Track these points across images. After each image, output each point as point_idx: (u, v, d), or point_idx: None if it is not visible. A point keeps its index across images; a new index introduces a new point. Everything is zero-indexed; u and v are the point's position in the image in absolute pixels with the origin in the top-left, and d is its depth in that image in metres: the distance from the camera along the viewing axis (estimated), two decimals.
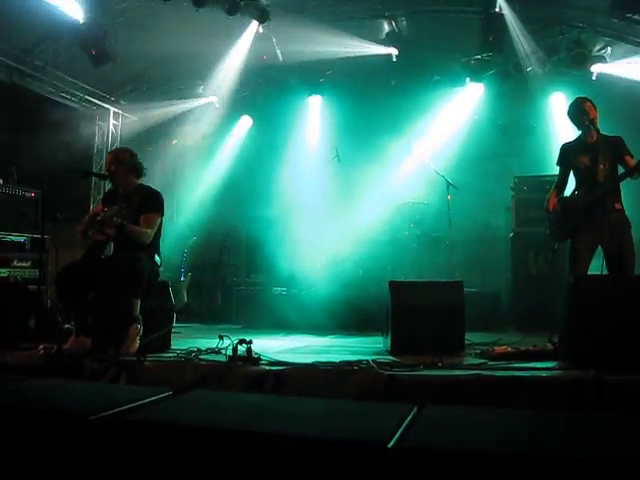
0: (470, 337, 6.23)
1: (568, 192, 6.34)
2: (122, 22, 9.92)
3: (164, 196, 6.23)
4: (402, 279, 8.70)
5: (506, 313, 9.02)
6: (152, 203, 6.03)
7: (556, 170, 6.50)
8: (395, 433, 2.84)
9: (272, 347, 6.20)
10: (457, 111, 11.61)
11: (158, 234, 6.11)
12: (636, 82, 9.70)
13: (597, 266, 5.86)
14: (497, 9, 9.49)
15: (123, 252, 5.79)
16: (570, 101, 6.39)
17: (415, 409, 3.35)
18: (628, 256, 5.75)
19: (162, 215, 6.09)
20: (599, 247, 5.89)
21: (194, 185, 13.07)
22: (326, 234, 9.66)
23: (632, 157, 5.95)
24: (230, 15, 9.55)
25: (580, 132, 6.23)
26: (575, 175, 6.24)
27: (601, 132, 6.12)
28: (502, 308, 9.08)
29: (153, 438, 3.02)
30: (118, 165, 6.07)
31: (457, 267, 9.14)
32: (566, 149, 6.31)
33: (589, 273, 5.85)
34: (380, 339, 6.57)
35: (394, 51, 10.88)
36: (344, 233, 9.57)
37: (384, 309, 6.34)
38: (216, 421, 3.16)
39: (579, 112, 6.15)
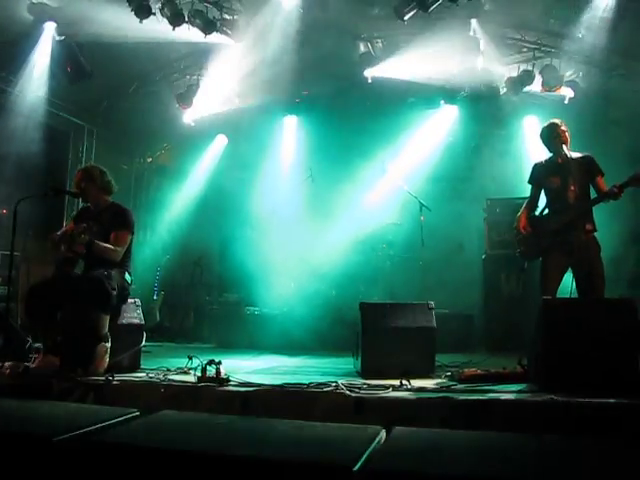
0: (441, 358, 6.24)
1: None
2: (98, 39, 9.88)
3: (138, 214, 6.22)
4: (375, 300, 8.71)
5: (478, 334, 9.07)
6: (122, 221, 6.00)
7: (528, 192, 6.55)
8: (361, 456, 2.84)
9: (243, 367, 6.19)
10: (431, 133, 11.68)
11: (129, 252, 6.07)
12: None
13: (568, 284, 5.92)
14: (471, 33, 9.59)
15: (92, 270, 5.74)
16: (543, 124, 6.47)
17: (383, 431, 3.35)
18: (597, 278, 5.80)
19: (132, 233, 6.06)
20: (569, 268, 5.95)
21: (169, 203, 13.02)
22: (299, 254, 9.67)
23: (602, 175, 6.03)
24: (206, 34, 9.55)
25: (551, 154, 6.30)
26: (546, 194, 6.31)
27: (572, 152, 6.18)
28: (474, 329, 9.14)
29: (118, 460, 3.00)
30: (88, 182, 6.04)
31: (430, 288, 9.13)
32: (538, 169, 6.38)
33: (558, 295, 5.90)
34: (351, 360, 6.56)
35: (369, 72, 10.95)
36: (317, 253, 9.58)
37: (356, 330, 6.34)
38: (183, 443, 3.14)
39: (551, 135, 6.23)
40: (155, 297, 11.49)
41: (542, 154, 6.51)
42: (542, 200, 6.44)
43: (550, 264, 5.98)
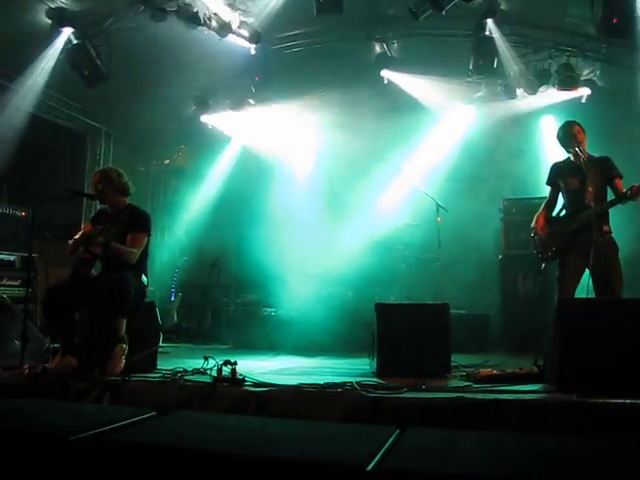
0: (458, 359, 6.22)
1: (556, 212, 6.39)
2: (116, 42, 9.95)
3: (155, 216, 6.25)
4: (391, 301, 8.72)
5: (495, 335, 9.03)
6: (139, 222, 6.04)
7: (545, 192, 6.54)
8: (375, 456, 2.84)
9: (259, 368, 6.20)
10: (448, 133, 11.65)
11: (145, 254, 6.11)
12: None
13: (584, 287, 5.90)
14: (487, 32, 9.55)
15: (110, 271, 5.78)
16: (560, 124, 6.45)
17: (397, 432, 3.35)
18: (615, 279, 5.76)
19: (149, 235, 6.10)
20: (586, 270, 5.91)
21: (186, 205, 13.08)
22: (316, 255, 9.68)
23: (621, 178, 5.99)
24: (222, 37, 9.59)
25: (569, 154, 6.27)
26: (564, 196, 6.29)
27: (590, 153, 6.16)
28: (491, 330, 9.10)
29: (134, 459, 3.02)
30: (105, 184, 6.08)
31: (447, 289, 9.12)
32: (556, 169, 6.36)
33: (576, 296, 5.87)
34: (367, 361, 6.56)
35: (385, 73, 10.96)
36: (334, 254, 9.59)
37: (372, 331, 6.34)
38: (198, 442, 3.15)
39: (568, 136, 6.20)
40: (173, 298, 11.54)
41: (559, 154, 6.48)
42: (560, 201, 6.42)
43: (567, 265, 5.96)
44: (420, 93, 10.98)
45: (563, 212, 6.28)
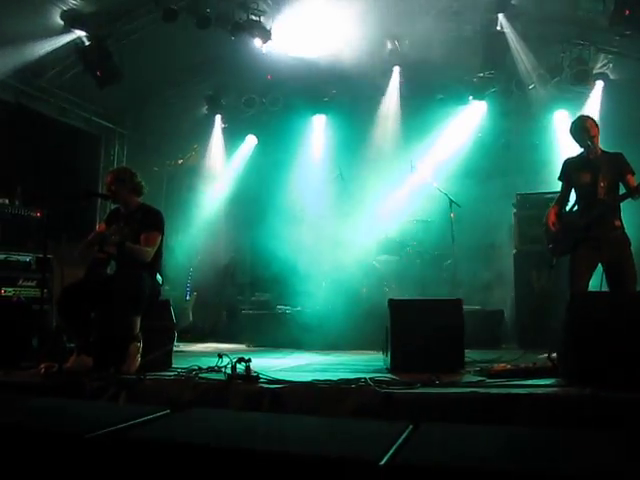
0: (472, 354, 6.23)
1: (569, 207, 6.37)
2: (128, 43, 10.02)
3: (170, 215, 6.27)
4: (405, 297, 8.71)
5: (509, 330, 9.02)
6: (152, 222, 6.06)
7: (558, 187, 6.51)
8: (388, 450, 2.85)
9: (273, 365, 6.22)
10: (460, 129, 11.65)
11: (159, 253, 6.13)
12: None
13: (597, 282, 5.88)
14: (498, 28, 9.55)
15: (124, 270, 5.82)
16: (573, 118, 6.42)
17: (411, 427, 3.36)
18: (628, 273, 5.73)
19: (162, 234, 6.12)
20: (599, 264, 5.90)
21: (200, 204, 13.12)
22: (330, 252, 9.69)
23: (633, 174, 5.96)
24: (233, 36, 9.63)
25: (582, 149, 6.25)
26: (576, 191, 6.26)
27: (603, 149, 6.14)
28: (505, 325, 9.08)
29: (150, 456, 3.04)
30: (118, 185, 6.11)
31: (460, 285, 9.13)
32: (568, 164, 6.34)
33: (589, 290, 5.86)
34: (381, 357, 6.56)
35: (397, 69, 10.98)
36: (348, 251, 9.59)
37: (385, 327, 6.34)
38: (212, 439, 3.17)
39: (581, 130, 6.16)
40: (188, 298, 11.58)
41: (572, 148, 6.44)
42: (573, 196, 6.41)
43: (579, 260, 5.93)
44: (432, 89, 10.95)
45: (575, 207, 6.25)
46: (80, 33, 9.42)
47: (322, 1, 9.37)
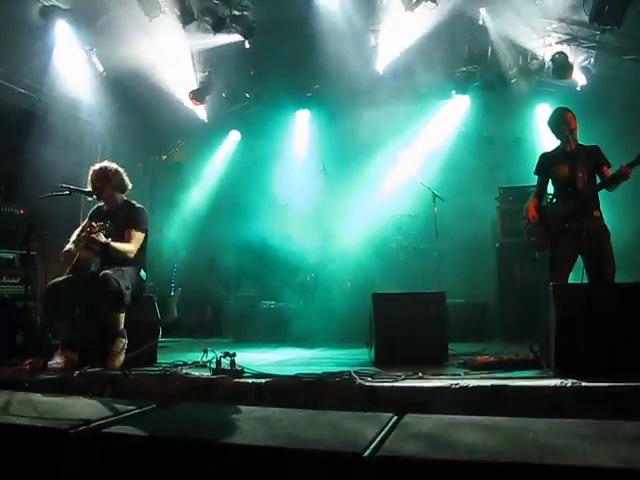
0: (456, 347, 6.29)
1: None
2: (110, 39, 9.97)
3: (154, 211, 6.26)
4: (390, 291, 8.75)
5: (493, 323, 9.08)
6: (137, 219, 6.07)
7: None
8: (372, 442, 2.88)
9: (258, 360, 6.25)
10: (444, 123, 11.67)
11: (143, 249, 6.14)
12: None
13: (577, 276, 5.94)
14: (481, 22, 9.58)
15: (108, 267, 5.82)
16: None
17: (394, 418, 3.39)
18: (607, 264, 5.79)
19: (146, 230, 6.13)
20: (579, 256, 5.95)
21: (184, 200, 13.10)
22: (315, 247, 9.71)
23: (609, 167, 6.02)
24: (216, 31, 9.62)
25: (559, 142, 6.29)
26: (554, 184, 6.32)
27: (579, 142, 6.20)
28: (489, 318, 9.15)
29: (135, 450, 3.06)
30: (103, 181, 6.11)
31: (445, 278, 9.17)
32: (545, 158, 6.40)
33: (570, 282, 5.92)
34: (366, 351, 6.60)
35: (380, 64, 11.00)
36: (332, 246, 9.63)
37: (370, 321, 6.38)
38: (197, 432, 3.20)
39: (559, 122, 6.22)
40: (172, 293, 11.56)
41: (555, 142, 6.48)
42: (549, 190, 6.46)
43: (559, 252, 5.97)
44: (415, 83, 10.96)
45: (554, 200, 6.30)
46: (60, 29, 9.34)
47: None
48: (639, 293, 4.82)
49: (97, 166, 6.29)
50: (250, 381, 4.76)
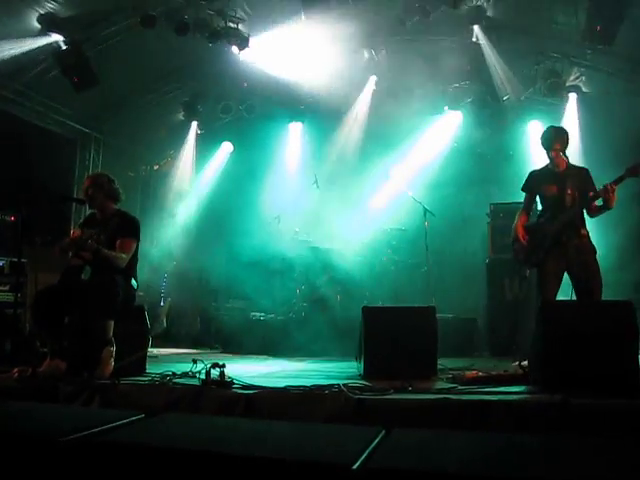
0: (445, 362, 6.29)
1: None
2: (105, 48, 10.00)
3: (145, 221, 6.26)
4: (380, 304, 8.77)
5: (482, 338, 9.10)
6: (128, 228, 6.07)
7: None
8: (361, 455, 2.88)
9: (248, 372, 6.22)
10: (435, 138, 11.73)
11: (134, 258, 6.14)
12: None
13: (565, 293, 5.97)
14: (474, 39, 9.66)
15: (99, 276, 5.81)
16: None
17: (383, 432, 3.39)
18: (594, 281, 5.83)
19: (138, 240, 6.13)
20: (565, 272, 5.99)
21: (175, 210, 13.11)
22: (304, 259, 9.72)
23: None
24: (211, 43, 9.66)
25: (548, 159, 6.33)
26: (543, 201, 6.37)
27: (568, 162, 6.25)
28: (478, 333, 9.15)
29: (123, 460, 3.05)
30: (96, 189, 6.12)
31: (434, 293, 9.20)
32: (534, 177, 6.44)
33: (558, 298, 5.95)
34: (355, 364, 6.60)
35: (374, 79, 11.08)
36: (322, 258, 9.63)
37: (359, 334, 6.38)
38: (186, 443, 3.19)
39: (550, 140, 6.26)
40: (162, 304, 11.54)
41: (546, 159, 6.52)
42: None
43: (547, 269, 6.01)
44: (407, 98, 11.02)
45: (542, 219, 6.33)
46: (57, 37, 9.37)
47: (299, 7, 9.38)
48: (627, 310, 4.85)
49: (91, 174, 6.31)
50: (239, 392, 4.76)
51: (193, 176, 13.29)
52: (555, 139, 6.22)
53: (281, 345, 8.62)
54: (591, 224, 6.20)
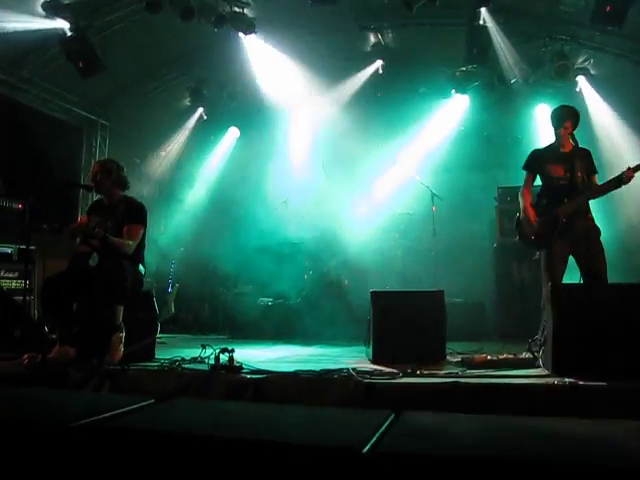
0: (453, 346, 6.29)
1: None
2: (110, 34, 9.97)
3: (153, 207, 6.26)
4: (388, 289, 8.76)
5: (490, 322, 9.08)
6: (135, 215, 6.08)
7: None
8: (370, 439, 2.88)
9: (256, 357, 6.24)
10: (443, 122, 11.67)
11: (142, 245, 6.16)
12: None
13: (574, 276, 5.94)
14: (481, 22, 9.57)
15: (106, 262, 5.81)
16: None
17: (392, 415, 3.39)
18: (601, 264, 5.78)
19: (145, 226, 6.13)
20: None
21: (182, 196, 13.10)
22: (312, 244, 9.71)
23: (596, 173, 6.06)
24: (217, 27, 9.62)
25: (555, 137, 6.24)
26: (545, 182, 6.25)
27: (573, 143, 6.18)
28: (486, 317, 9.14)
29: (134, 445, 3.05)
30: (104, 176, 6.12)
31: (442, 277, 9.18)
32: (538, 155, 6.33)
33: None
34: (363, 348, 6.61)
35: (380, 63, 11.02)
36: (330, 243, 9.62)
37: (368, 318, 6.38)
38: (196, 428, 3.19)
39: (562, 117, 6.15)
40: (170, 289, 11.55)
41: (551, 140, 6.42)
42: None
43: (555, 253, 5.93)
44: (414, 82, 10.98)
45: (545, 200, 6.22)
46: (62, 23, 9.33)
47: None
48: (635, 293, 4.84)
49: (100, 160, 6.30)
50: (248, 377, 4.77)
51: (202, 162, 13.25)
52: (567, 117, 6.11)
53: (290, 330, 8.63)
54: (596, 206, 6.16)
